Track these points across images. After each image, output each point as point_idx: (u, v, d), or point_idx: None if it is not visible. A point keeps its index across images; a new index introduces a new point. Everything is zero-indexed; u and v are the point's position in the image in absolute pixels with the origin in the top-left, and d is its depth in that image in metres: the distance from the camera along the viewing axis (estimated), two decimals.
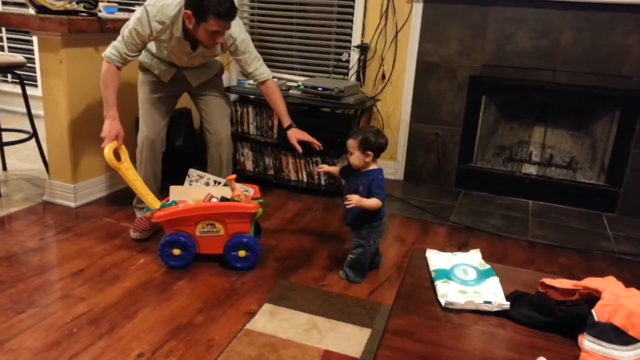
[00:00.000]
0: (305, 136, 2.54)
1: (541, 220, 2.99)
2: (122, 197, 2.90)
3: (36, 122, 3.06)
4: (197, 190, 2.32)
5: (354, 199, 2.00)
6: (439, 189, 3.44)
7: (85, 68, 2.71)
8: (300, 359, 1.70)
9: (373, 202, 2.02)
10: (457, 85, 3.30)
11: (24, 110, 3.03)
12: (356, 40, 3.46)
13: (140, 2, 3.89)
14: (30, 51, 4.52)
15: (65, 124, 2.67)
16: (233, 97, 3.54)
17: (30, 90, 3.16)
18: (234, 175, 2.29)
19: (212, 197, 2.25)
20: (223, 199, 2.24)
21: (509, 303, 1.23)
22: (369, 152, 2.05)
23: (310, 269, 2.30)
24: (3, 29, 4.62)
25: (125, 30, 2.25)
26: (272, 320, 1.90)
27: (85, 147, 2.80)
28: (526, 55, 3.12)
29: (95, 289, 2.02)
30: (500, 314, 1.22)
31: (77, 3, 2.60)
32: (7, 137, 3.25)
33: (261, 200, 2.36)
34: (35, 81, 4.52)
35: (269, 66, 3.78)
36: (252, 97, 3.36)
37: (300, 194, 3.23)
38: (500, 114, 3.48)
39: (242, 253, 2.20)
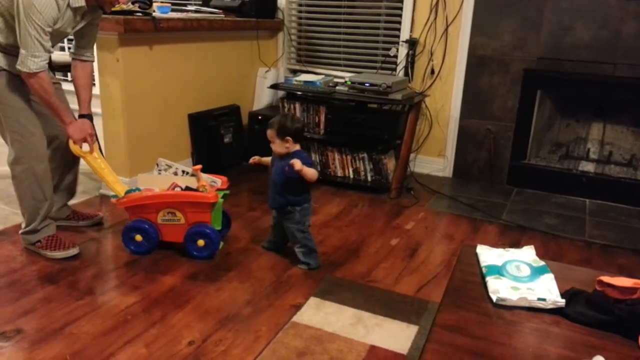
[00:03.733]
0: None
1: (599, 220, 2.86)
2: None
3: (94, 119, 3.19)
4: (164, 180, 2.34)
5: (297, 162, 2.02)
6: (489, 186, 3.35)
7: (140, 66, 2.81)
8: (346, 352, 1.70)
9: (312, 170, 2.09)
10: (510, 79, 3.20)
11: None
12: (405, 35, 3.42)
13: (192, 1, 3.99)
14: None
15: (121, 120, 2.78)
16: (280, 93, 3.58)
17: None
18: (200, 166, 2.30)
19: (176, 186, 2.28)
20: (187, 188, 2.27)
21: (564, 300, 1.18)
22: (288, 138, 2.10)
23: (355, 264, 2.29)
24: None
25: (29, 29, 1.91)
26: (318, 314, 1.90)
27: (141, 142, 2.90)
28: (584, 47, 2.98)
29: (148, 278, 2.09)
30: (555, 311, 1.18)
31: (133, 3, 2.70)
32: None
33: (227, 192, 2.36)
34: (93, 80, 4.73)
35: (316, 62, 3.83)
36: (299, 93, 3.38)
37: (346, 190, 3.22)
38: (556, 109, 3.35)
39: (200, 242, 2.22)
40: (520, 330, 1.12)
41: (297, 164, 2.02)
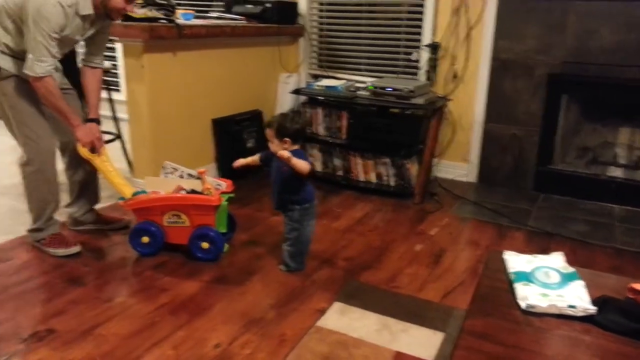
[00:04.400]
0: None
1: (629, 227, 2.80)
2: None
3: (120, 124, 3.26)
4: (170, 182, 2.37)
5: (284, 153, 2.00)
6: (515, 192, 3.31)
7: (165, 72, 2.86)
8: (372, 358, 1.70)
9: (301, 162, 2.03)
10: (534, 83, 3.16)
11: (108, 113, 3.24)
12: (426, 39, 3.41)
13: (214, 8, 4.05)
14: (112, 58, 4.83)
15: (147, 125, 2.83)
16: (302, 98, 3.60)
17: (113, 95, 3.37)
18: (205, 169, 2.32)
19: (181, 188, 2.31)
20: (192, 191, 2.29)
21: (595, 308, 1.16)
22: (286, 139, 2.08)
23: (379, 269, 2.29)
24: None
25: (37, 35, 1.97)
26: (342, 319, 1.91)
27: (166, 147, 2.94)
28: (611, 51, 2.93)
29: (174, 281, 2.12)
30: (586, 319, 1.16)
31: (157, 11, 2.75)
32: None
33: (232, 195, 2.38)
34: (118, 86, 4.82)
35: (337, 67, 3.84)
36: (321, 98, 3.40)
37: (369, 195, 3.22)
38: (582, 113, 3.29)
39: (204, 245, 2.25)
40: (550, 337, 1.11)
41: (283, 153, 2.00)
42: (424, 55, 3.44)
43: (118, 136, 3.27)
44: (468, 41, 3.29)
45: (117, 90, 4.80)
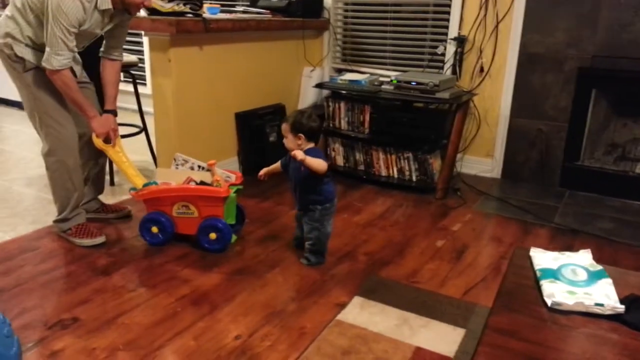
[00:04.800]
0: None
1: None
2: None
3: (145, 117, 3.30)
4: (180, 174, 2.39)
5: (299, 152, 2.01)
6: (541, 188, 3.24)
7: (191, 66, 2.88)
8: (391, 353, 1.68)
9: (317, 160, 2.03)
10: (563, 77, 3.09)
11: (134, 106, 3.28)
12: (453, 32, 3.36)
13: (240, 1, 4.06)
14: (139, 52, 4.89)
15: (172, 118, 2.85)
16: (325, 92, 3.59)
17: (139, 89, 3.41)
18: (214, 161, 2.33)
19: (191, 180, 2.33)
20: (202, 182, 2.31)
21: (623, 307, 1.13)
22: (300, 135, 2.08)
23: (400, 264, 2.27)
24: None
25: (55, 29, 2.01)
26: (363, 313, 1.90)
27: (190, 140, 2.97)
28: None
29: (196, 272, 2.14)
30: (613, 317, 1.13)
31: (184, 5, 2.77)
32: (119, 131, 3.52)
33: (240, 187, 2.39)
34: (144, 80, 4.88)
35: (361, 61, 3.81)
36: (344, 92, 3.38)
37: (390, 189, 3.20)
38: (612, 108, 3.21)
39: (212, 235, 2.26)
40: (576, 335, 1.08)
41: (298, 154, 2.01)
42: (450, 49, 3.39)
43: (143, 129, 3.31)
44: (496, 34, 3.23)
45: (143, 84, 4.87)
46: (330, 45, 3.87)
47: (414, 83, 3.07)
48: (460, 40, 3.32)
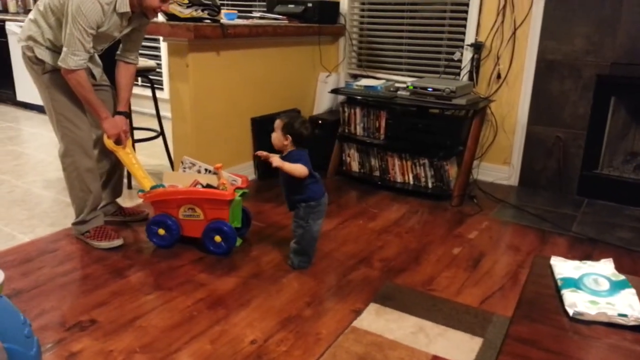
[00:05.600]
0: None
1: None
2: None
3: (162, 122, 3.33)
4: (188, 177, 2.41)
5: (275, 158, 2.09)
6: (558, 196, 3.21)
7: (208, 71, 2.90)
8: None
9: (295, 166, 2.08)
10: (582, 85, 3.06)
11: (151, 111, 3.31)
12: (470, 38, 3.34)
13: (256, 7, 4.09)
14: (157, 57, 4.95)
15: (189, 123, 2.88)
16: (340, 98, 3.59)
17: (157, 93, 3.45)
18: (221, 164, 2.34)
19: (197, 183, 2.35)
20: (208, 186, 2.33)
21: None
22: (288, 136, 2.12)
23: (416, 272, 2.26)
24: None
25: (74, 30, 2.05)
26: (378, 320, 1.89)
27: (207, 145, 2.99)
28: None
29: (212, 276, 2.15)
30: (637, 328, 1.11)
31: (202, 11, 2.79)
32: (137, 135, 3.57)
33: (246, 191, 2.40)
34: (161, 84, 4.94)
35: (377, 67, 3.82)
36: (360, 98, 3.38)
37: (405, 196, 3.18)
38: (631, 116, 3.17)
39: (217, 238, 2.28)
40: (599, 346, 1.07)
41: (274, 161, 2.08)
42: (467, 55, 3.38)
43: (160, 133, 3.34)
44: (513, 41, 3.21)
45: (161, 89, 4.93)
46: (346, 51, 3.88)
47: (430, 89, 3.06)
48: (477, 47, 3.31)
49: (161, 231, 2.34)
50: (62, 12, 2.10)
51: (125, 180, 2.79)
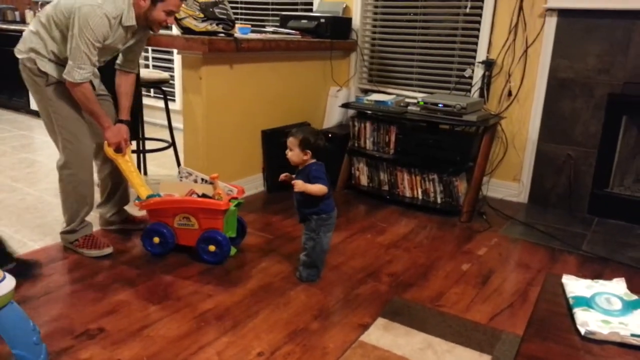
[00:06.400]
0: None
1: None
2: (250, 204, 3.07)
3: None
4: (184, 186, 2.43)
5: (298, 183, 2.09)
6: (568, 214, 3.19)
7: (221, 84, 2.93)
8: None
9: (316, 187, 2.10)
10: (594, 103, 3.06)
11: (163, 122, 3.35)
12: (481, 55, 3.36)
13: (270, 23, 4.14)
14: (170, 69, 5.01)
15: (201, 134, 2.90)
16: (350, 112, 3.61)
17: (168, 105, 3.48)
18: (217, 174, 2.37)
19: (193, 192, 2.36)
20: (204, 195, 2.34)
21: None
22: (308, 151, 2.14)
23: (425, 287, 2.24)
24: (149, 49, 5.17)
25: (80, 43, 2.08)
26: (386, 335, 1.88)
27: (218, 156, 3.01)
28: None
29: (220, 287, 2.15)
30: None
31: (217, 25, 2.83)
32: (148, 145, 3.60)
33: (241, 201, 2.42)
34: (173, 96, 4.99)
35: (387, 82, 3.84)
36: (370, 112, 3.40)
37: (414, 211, 3.18)
38: None
39: (212, 248, 2.30)
40: None
41: (297, 185, 2.10)
42: (478, 72, 3.39)
43: (172, 144, 3.37)
44: (525, 59, 3.22)
45: (172, 100, 4.98)
46: (357, 66, 3.90)
47: (441, 105, 3.07)
48: (489, 64, 3.32)
49: (156, 239, 2.36)
50: (66, 25, 2.13)
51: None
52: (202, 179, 2.48)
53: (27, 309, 1.85)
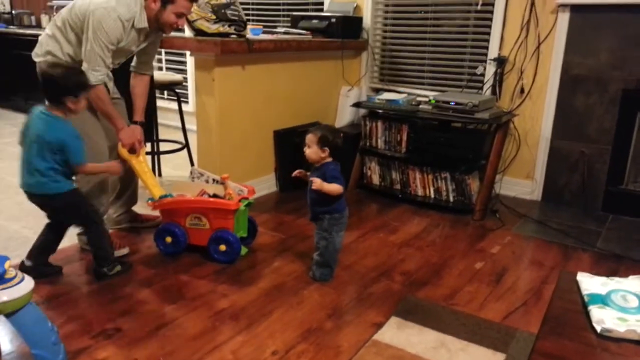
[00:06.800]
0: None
1: None
2: (262, 204, 3.10)
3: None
4: (195, 187, 2.47)
5: (316, 181, 2.09)
6: (582, 211, 3.16)
7: (233, 85, 2.95)
8: None
9: (333, 186, 2.11)
10: (608, 99, 3.03)
11: (176, 123, 3.38)
12: (493, 53, 3.34)
13: (281, 23, 4.15)
14: (183, 71, 5.04)
15: (214, 135, 2.92)
16: (362, 111, 3.61)
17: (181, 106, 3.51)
18: (227, 175, 2.40)
19: (204, 193, 2.39)
20: (215, 195, 2.37)
21: None
22: (326, 149, 2.14)
23: (438, 286, 2.24)
24: (163, 52, 5.21)
25: (94, 46, 2.13)
26: (400, 334, 1.88)
27: (231, 157, 3.03)
28: None
29: (235, 287, 2.17)
30: None
31: (229, 26, 2.85)
32: (162, 147, 3.63)
33: (251, 201, 2.44)
34: (187, 98, 5.03)
35: (399, 81, 3.83)
36: (381, 111, 3.40)
37: (427, 209, 3.17)
38: None
39: (222, 247, 2.32)
40: None
41: (315, 183, 2.09)
42: (490, 70, 3.38)
43: (185, 145, 3.40)
44: (537, 55, 3.20)
45: (186, 102, 5.02)
46: (368, 65, 3.90)
47: (452, 103, 3.06)
48: (501, 61, 3.30)
49: (168, 239, 2.39)
50: (81, 28, 2.17)
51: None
52: (214, 180, 2.50)
53: (45, 310, 1.89)
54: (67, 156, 1.99)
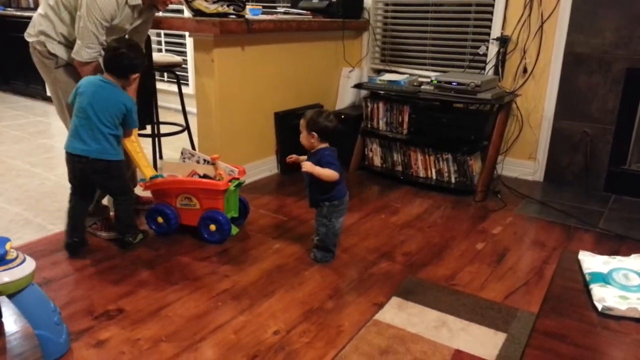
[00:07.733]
0: None
1: None
2: (264, 186, 3.10)
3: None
4: (186, 167, 2.48)
5: (306, 164, 2.07)
6: (585, 192, 3.15)
7: (233, 66, 2.92)
8: (430, 355, 1.67)
9: (325, 171, 2.07)
10: (611, 79, 2.99)
11: (177, 106, 3.36)
12: (496, 32, 3.30)
13: (281, 3, 4.10)
14: (182, 53, 5.00)
15: (214, 117, 2.91)
16: (363, 93, 3.59)
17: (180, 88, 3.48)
18: (218, 155, 2.41)
19: (195, 173, 2.41)
20: (205, 176, 2.39)
21: None
22: (313, 133, 2.10)
23: (439, 266, 2.25)
24: (162, 33, 5.16)
25: (88, 23, 2.11)
26: (400, 314, 1.89)
27: (232, 139, 3.02)
28: None
29: (237, 268, 2.17)
30: None
31: (228, 6, 2.82)
32: (162, 129, 3.62)
33: (242, 181, 2.46)
34: (187, 80, 4.99)
35: (400, 62, 3.80)
36: (382, 92, 3.37)
37: (428, 191, 3.17)
38: None
39: (212, 227, 2.35)
40: (629, 342, 1.05)
41: (305, 165, 2.07)
42: (492, 49, 3.34)
43: (186, 128, 3.39)
44: (540, 35, 3.16)
45: (186, 84, 4.98)
46: (369, 46, 3.86)
47: (454, 83, 3.03)
48: (503, 41, 3.26)
49: (160, 219, 2.41)
50: (75, 6, 2.16)
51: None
52: (204, 160, 2.51)
53: (48, 291, 1.90)
54: (129, 120, 2.18)
